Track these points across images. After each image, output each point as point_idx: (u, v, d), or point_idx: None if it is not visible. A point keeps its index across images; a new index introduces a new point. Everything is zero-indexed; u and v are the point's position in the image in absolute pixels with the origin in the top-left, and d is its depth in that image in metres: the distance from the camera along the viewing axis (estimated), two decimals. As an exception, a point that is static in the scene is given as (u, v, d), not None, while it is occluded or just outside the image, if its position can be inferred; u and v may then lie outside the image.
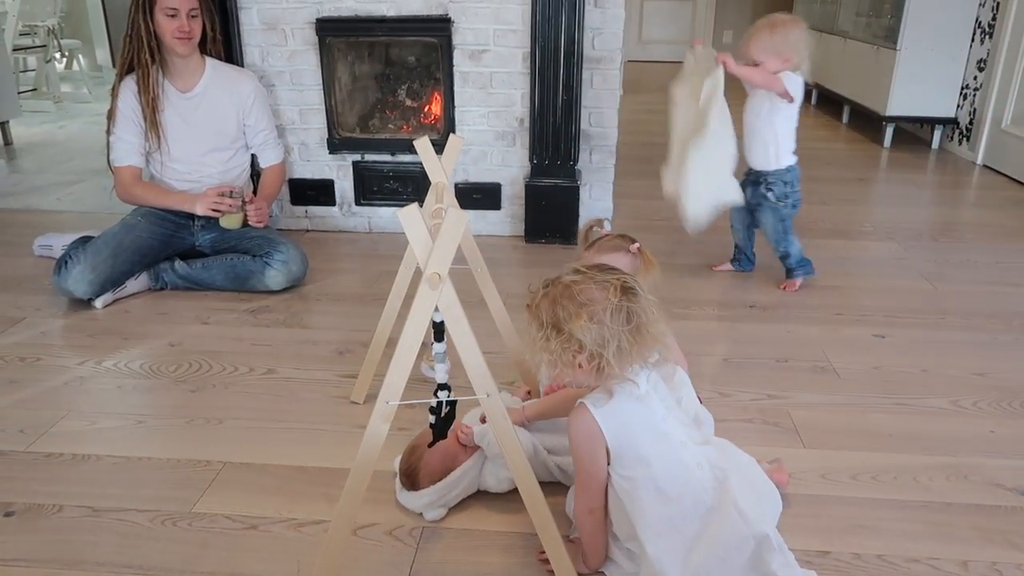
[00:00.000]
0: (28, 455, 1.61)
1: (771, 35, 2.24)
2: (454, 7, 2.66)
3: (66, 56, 6.52)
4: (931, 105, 4.30)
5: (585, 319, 1.09)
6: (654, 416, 1.18)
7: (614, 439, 1.15)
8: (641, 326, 1.10)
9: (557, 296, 1.12)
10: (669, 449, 1.18)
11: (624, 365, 1.12)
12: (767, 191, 2.39)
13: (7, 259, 2.69)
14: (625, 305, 1.10)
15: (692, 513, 1.17)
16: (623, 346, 1.10)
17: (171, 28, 2.28)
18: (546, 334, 1.11)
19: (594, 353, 1.10)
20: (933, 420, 1.74)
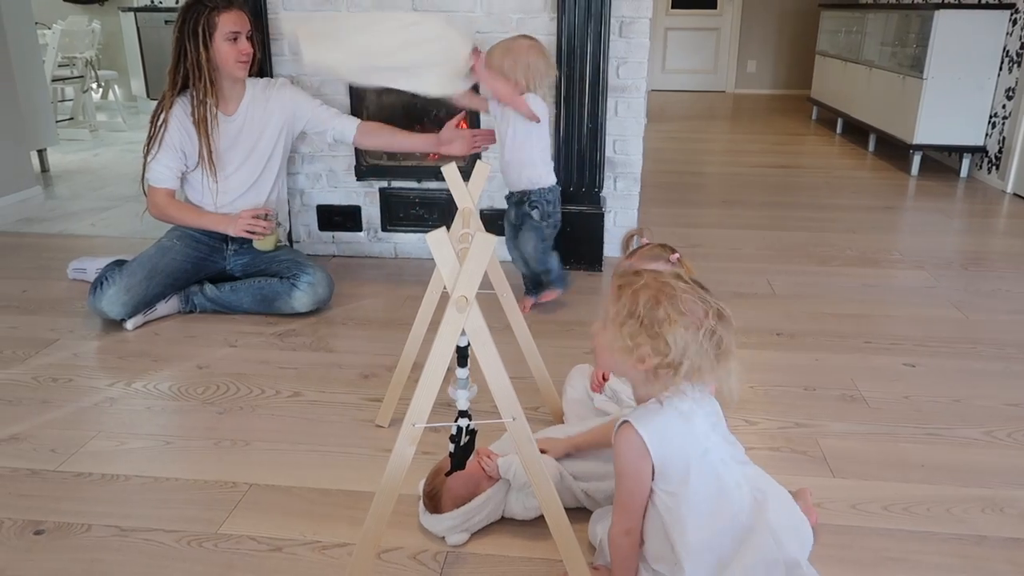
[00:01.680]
0: (58, 474, 1.63)
1: (503, 57, 2.20)
2: (480, 37, 2.69)
3: (102, 87, 6.70)
4: (959, 133, 4.27)
5: (682, 328, 1.08)
6: (696, 433, 1.17)
7: (659, 456, 1.14)
8: (722, 355, 1.10)
9: (661, 295, 1.10)
10: (709, 467, 1.17)
11: (691, 382, 1.11)
12: (531, 210, 2.35)
13: (43, 282, 2.75)
14: (719, 331, 1.09)
15: (728, 532, 1.16)
16: (701, 366, 1.09)
17: (233, 53, 2.29)
18: (633, 324, 1.10)
19: (671, 362, 1.09)
20: (967, 451, 1.71)
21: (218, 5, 2.26)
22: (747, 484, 1.19)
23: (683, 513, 1.15)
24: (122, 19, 6.85)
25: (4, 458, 1.69)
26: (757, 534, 1.14)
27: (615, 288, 1.16)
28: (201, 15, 2.25)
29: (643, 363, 1.10)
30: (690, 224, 3.46)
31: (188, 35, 2.27)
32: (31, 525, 1.47)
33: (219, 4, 2.27)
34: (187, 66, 2.30)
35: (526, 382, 1.79)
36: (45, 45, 5.45)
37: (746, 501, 1.17)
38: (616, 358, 1.14)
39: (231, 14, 2.28)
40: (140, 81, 6.96)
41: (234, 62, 2.31)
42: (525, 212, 2.36)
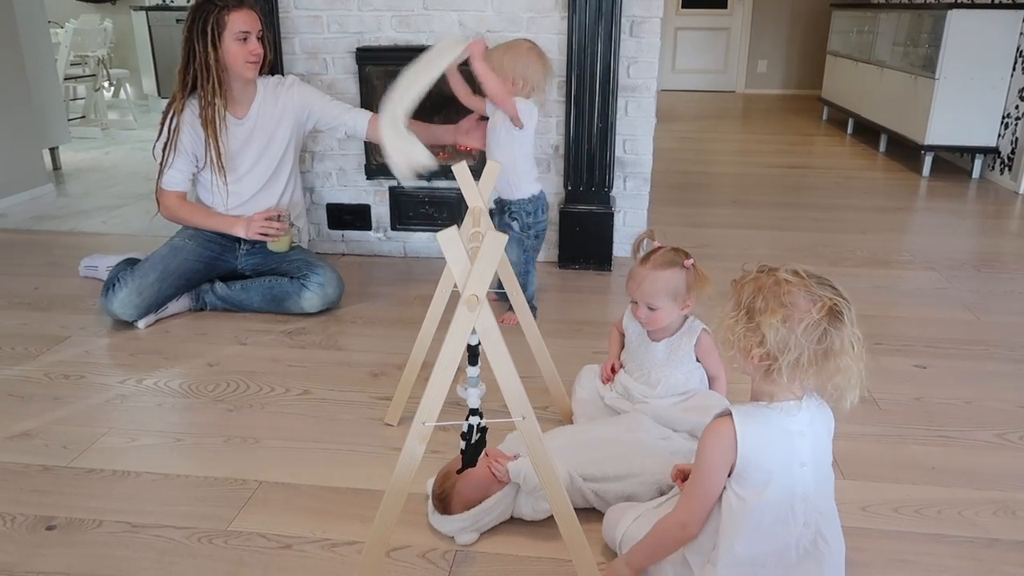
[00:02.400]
0: (70, 470, 1.64)
1: (503, 54, 2.18)
2: (491, 36, 2.70)
3: (114, 85, 6.74)
4: (971, 134, 4.24)
5: (779, 319, 1.05)
6: (794, 458, 1.12)
7: (745, 457, 1.10)
8: (831, 352, 1.05)
9: (763, 286, 1.09)
10: (788, 492, 1.12)
11: (795, 379, 1.07)
12: (511, 220, 2.30)
13: (54, 279, 2.76)
14: (824, 325, 1.04)
15: (774, 560, 1.13)
16: (802, 361, 1.05)
17: (243, 53, 2.25)
18: (737, 315, 1.09)
19: (771, 353, 1.06)
20: (979, 453, 1.70)
21: (228, 4, 2.23)
22: (814, 528, 1.14)
23: (744, 521, 1.12)
24: (134, 18, 6.89)
25: (17, 454, 1.70)
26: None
27: (731, 286, 1.16)
28: (210, 14, 2.22)
29: (749, 355, 1.08)
30: (700, 224, 3.45)
31: (197, 35, 2.23)
32: (43, 520, 1.48)
33: (229, 3, 2.23)
34: (195, 66, 2.26)
35: (536, 381, 1.79)
36: (58, 44, 5.49)
37: (804, 543, 1.13)
38: (729, 354, 1.12)
39: (241, 13, 2.24)
40: (151, 80, 7.01)
41: (243, 63, 2.28)
42: (506, 223, 2.31)
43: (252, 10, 2.29)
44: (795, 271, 1.10)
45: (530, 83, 2.20)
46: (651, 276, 1.59)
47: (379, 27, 2.75)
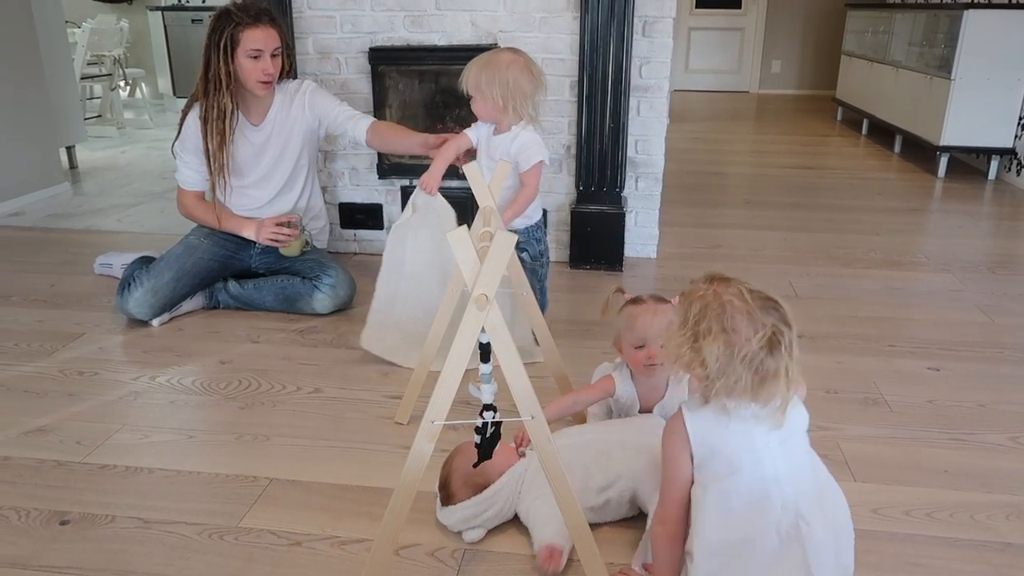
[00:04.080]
0: (84, 466, 1.66)
1: (480, 71, 1.93)
2: (503, 36, 2.70)
3: (130, 84, 6.80)
4: (987, 135, 4.21)
5: (721, 344, 1.06)
6: (751, 438, 1.14)
7: (700, 444, 1.14)
8: (767, 381, 1.07)
9: (709, 306, 1.09)
10: (756, 476, 1.13)
11: (733, 399, 1.10)
12: (520, 252, 2.03)
13: (70, 277, 2.79)
14: (762, 356, 1.06)
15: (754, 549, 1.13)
16: (738, 387, 1.07)
17: (255, 71, 2.24)
18: (684, 334, 1.10)
19: (709, 376, 1.08)
20: (992, 457, 1.69)
21: (243, 21, 2.21)
22: (795, 511, 1.13)
23: (711, 508, 1.14)
24: (150, 18, 6.94)
25: (31, 449, 1.72)
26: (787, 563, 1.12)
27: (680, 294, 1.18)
28: (227, 28, 2.21)
29: (691, 371, 1.11)
30: (712, 224, 3.43)
31: (214, 46, 2.23)
32: (57, 516, 1.49)
33: (244, 20, 2.21)
34: (210, 76, 2.26)
35: (545, 382, 1.80)
36: (74, 43, 5.54)
37: (786, 527, 1.13)
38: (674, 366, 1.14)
39: (256, 31, 2.22)
40: (167, 79, 7.05)
41: (255, 81, 2.27)
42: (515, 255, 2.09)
43: (271, 27, 2.26)
44: (741, 292, 1.10)
45: (516, 101, 1.94)
46: (661, 309, 1.56)
47: (392, 27, 2.76)
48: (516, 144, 1.98)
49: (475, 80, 1.95)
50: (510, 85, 1.93)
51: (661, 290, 1.69)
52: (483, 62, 1.96)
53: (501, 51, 2.00)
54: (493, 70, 1.93)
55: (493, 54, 1.98)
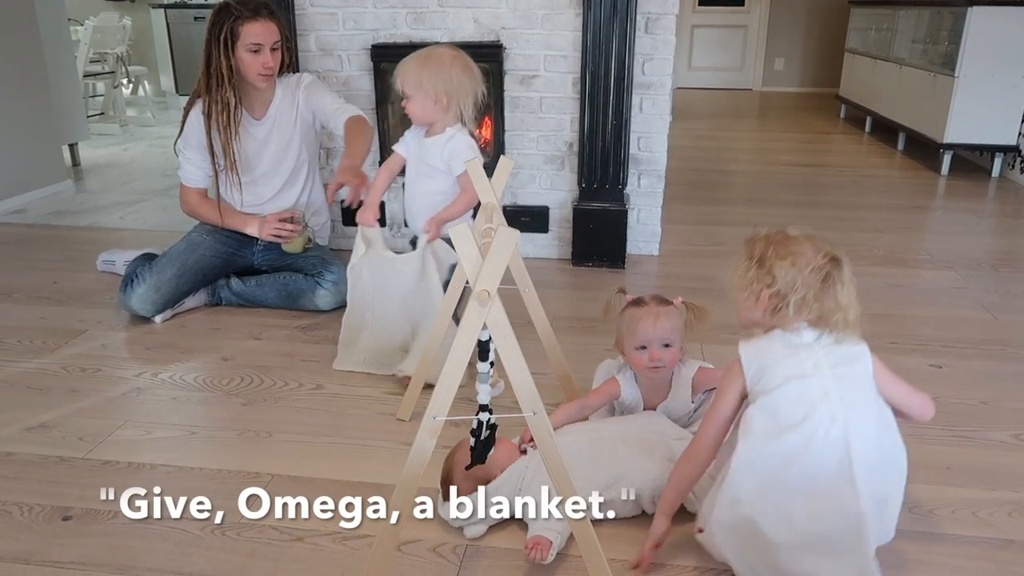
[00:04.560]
0: (86, 462, 1.66)
1: (421, 68, 1.86)
2: (505, 33, 2.70)
3: (132, 82, 6.80)
4: (991, 132, 4.19)
5: (789, 263, 1.21)
6: (805, 363, 1.23)
7: (750, 365, 1.24)
8: (830, 291, 1.20)
9: (774, 240, 1.25)
10: (804, 390, 1.21)
11: (800, 314, 1.21)
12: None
13: (72, 274, 2.79)
14: (827, 268, 1.20)
15: (801, 463, 1.19)
16: (807, 298, 1.20)
17: (255, 65, 2.25)
18: (749, 265, 1.25)
19: (780, 293, 1.21)
20: (994, 454, 1.68)
21: (242, 14, 2.21)
22: (842, 422, 1.20)
23: (755, 420, 1.22)
24: (152, 15, 6.95)
25: (34, 445, 1.72)
26: (834, 482, 1.18)
27: (743, 245, 1.30)
28: (226, 22, 2.21)
29: (759, 299, 1.23)
30: (715, 222, 3.43)
31: (214, 40, 2.24)
32: (59, 511, 1.50)
33: (244, 13, 2.21)
34: (212, 70, 2.27)
35: (547, 378, 1.80)
36: (77, 41, 5.55)
37: (833, 436, 1.19)
38: (741, 304, 1.27)
39: (255, 25, 2.22)
40: (169, 77, 7.06)
41: (255, 74, 2.27)
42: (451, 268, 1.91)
43: (270, 20, 2.26)
44: (800, 231, 1.27)
45: (457, 100, 1.88)
46: (665, 310, 1.56)
47: (394, 24, 2.76)
48: (450, 147, 1.90)
49: (416, 77, 1.85)
50: (454, 82, 1.86)
51: (664, 287, 1.69)
52: (423, 57, 1.88)
53: (441, 47, 1.94)
54: (436, 66, 1.86)
55: (432, 50, 1.91)
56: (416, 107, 1.90)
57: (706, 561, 1.35)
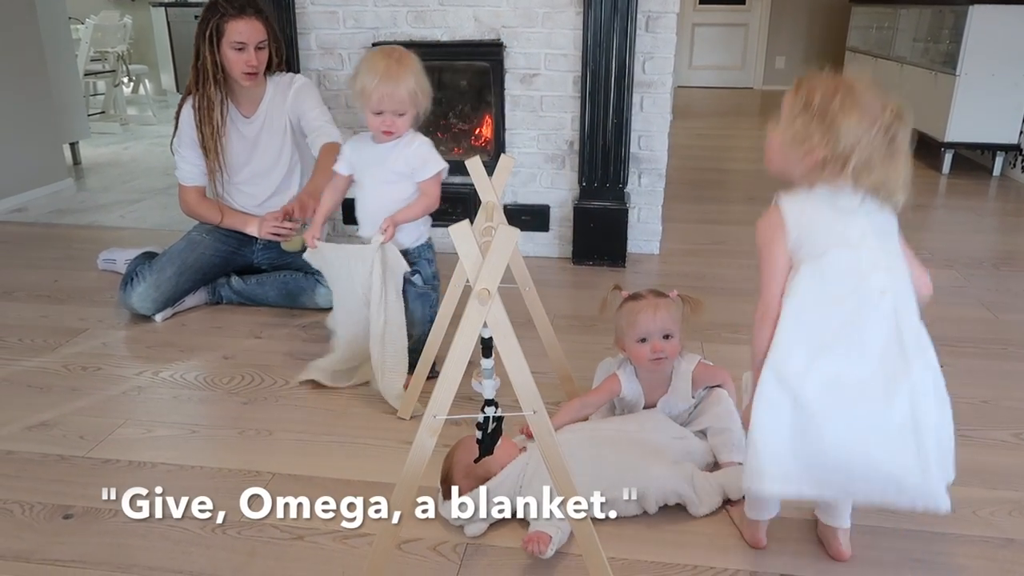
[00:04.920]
0: (87, 460, 1.66)
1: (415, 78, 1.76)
2: (506, 32, 2.70)
3: (133, 81, 6.80)
4: (992, 131, 4.19)
5: (856, 118, 1.08)
6: (850, 230, 1.14)
7: (795, 225, 1.15)
8: (897, 153, 1.09)
9: (839, 87, 1.11)
10: (853, 260, 1.13)
11: (860, 178, 1.10)
12: (412, 275, 1.88)
13: (73, 272, 2.79)
14: (895, 128, 1.08)
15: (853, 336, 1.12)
16: (871, 163, 1.08)
17: (239, 63, 2.25)
18: (807, 115, 1.11)
19: (840, 153, 1.09)
20: (995, 453, 1.68)
21: (228, 12, 2.22)
22: (892, 294, 1.14)
23: (802, 288, 1.13)
24: (153, 14, 6.94)
25: (35, 444, 1.72)
26: (887, 359, 1.12)
27: (793, 87, 1.16)
28: (212, 19, 2.23)
29: (811, 155, 1.10)
30: (715, 221, 3.43)
31: (201, 36, 2.25)
32: (60, 510, 1.50)
33: (230, 11, 2.22)
34: (199, 66, 2.28)
35: (547, 377, 1.79)
36: (78, 40, 5.54)
37: (884, 306, 1.13)
38: (786, 153, 1.14)
39: (240, 23, 2.22)
40: (170, 75, 7.05)
41: (239, 72, 2.27)
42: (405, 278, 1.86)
43: (255, 19, 2.25)
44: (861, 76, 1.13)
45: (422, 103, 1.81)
46: (663, 302, 1.58)
47: (395, 23, 2.76)
48: (416, 152, 1.82)
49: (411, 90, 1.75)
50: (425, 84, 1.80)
51: (664, 286, 1.69)
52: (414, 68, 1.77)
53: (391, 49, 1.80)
54: (420, 71, 1.78)
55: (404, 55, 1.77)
56: (406, 122, 1.79)
57: (706, 560, 1.35)
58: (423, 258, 1.95)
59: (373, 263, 1.80)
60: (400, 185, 1.85)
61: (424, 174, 1.83)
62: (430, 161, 1.84)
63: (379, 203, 1.85)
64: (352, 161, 1.87)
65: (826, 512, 1.34)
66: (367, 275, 1.81)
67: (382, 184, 1.85)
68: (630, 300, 1.61)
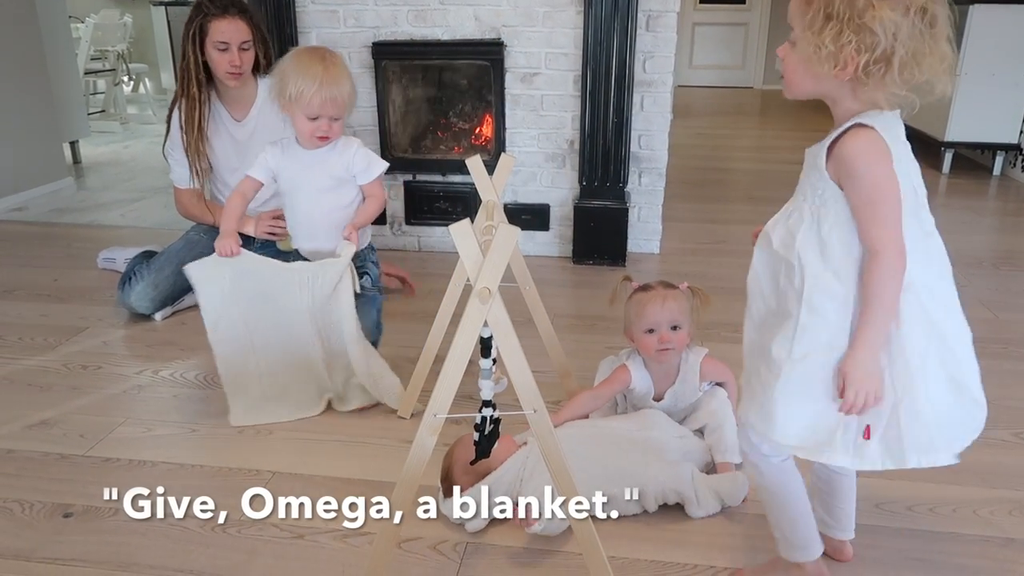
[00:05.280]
0: (87, 459, 1.66)
1: (351, 84, 1.76)
2: (507, 31, 2.70)
3: (133, 79, 6.80)
4: (992, 131, 4.19)
5: (888, 8, 0.93)
6: (912, 178, 1.05)
7: (894, 151, 1.02)
8: (939, 35, 0.96)
9: None
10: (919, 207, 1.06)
11: (904, 75, 0.97)
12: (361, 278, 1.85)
13: (73, 271, 2.79)
14: (932, 7, 0.95)
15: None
16: (917, 50, 0.95)
17: (222, 63, 2.22)
18: (833, 25, 0.95)
19: (883, 52, 0.95)
20: (995, 452, 1.68)
21: (211, 11, 2.20)
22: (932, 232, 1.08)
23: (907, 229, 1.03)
24: (153, 13, 6.93)
25: (35, 442, 1.72)
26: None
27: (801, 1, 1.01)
28: (196, 19, 2.21)
29: (849, 65, 0.96)
30: (716, 220, 3.43)
31: (187, 37, 2.23)
32: (60, 508, 1.50)
33: (213, 11, 2.20)
34: (183, 66, 2.26)
35: (548, 376, 1.79)
36: (78, 39, 5.54)
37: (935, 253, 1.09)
38: (814, 72, 1.00)
39: (223, 23, 2.20)
40: (170, 74, 7.03)
41: (223, 72, 2.24)
42: None
43: (239, 19, 2.23)
44: None
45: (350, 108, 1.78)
46: (671, 293, 1.58)
47: (395, 22, 2.75)
48: (356, 156, 1.79)
49: (349, 93, 1.74)
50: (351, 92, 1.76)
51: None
52: (347, 69, 1.75)
53: (316, 50, 1.77)
54: (348, 74, 1.76)
55: (334, 55, 1.75)
56: (341, 126, 1.76)
57: (706, 559, 1.35)
58: (369, 260, 1.96)
59: (343, 276, 1.71)
60: (340, 191, 1.80)
61: (369, 176, 1.80)
62: (374, 162, 1.81)
63: (320, 211, 1.80)
64: (275, 169, 1.78)
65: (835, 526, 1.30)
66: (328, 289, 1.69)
67: (321, 192, 1.79)
68: (639, 291, 1.62)
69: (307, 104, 1.69)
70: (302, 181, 1.79)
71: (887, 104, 1.01)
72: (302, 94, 1.67)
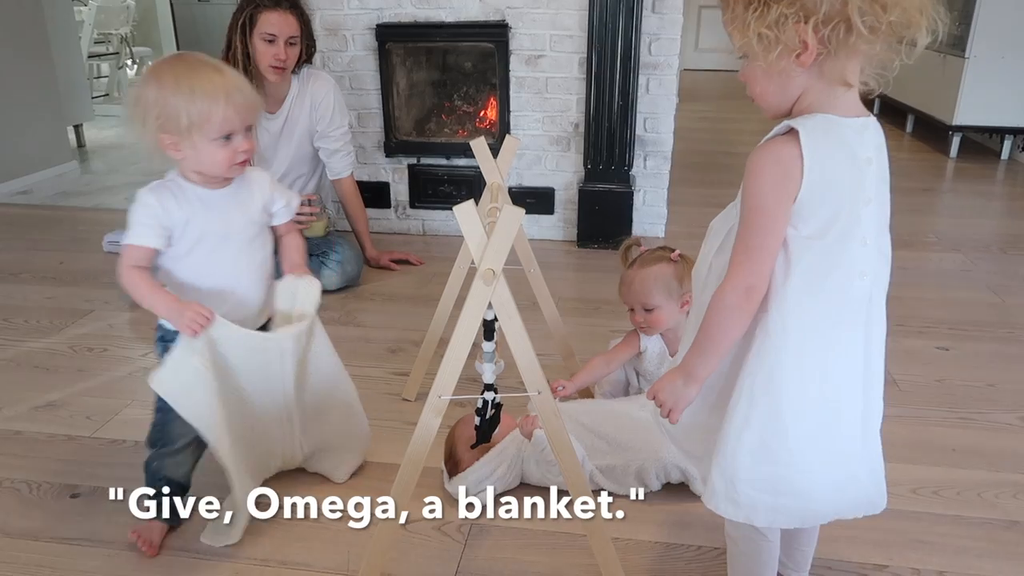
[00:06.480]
0: (94, 440, 1.67)
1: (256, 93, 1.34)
2: (511, 13, 2.68)
3: (137, 63, 6.77)
4: (1001, 114, 4.15)
5: None
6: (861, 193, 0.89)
7: (812, 184, 0.86)
8: None
9: None
10: (848, 238, 0.89)
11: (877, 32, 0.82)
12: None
13: (78, 255, 2.80)
14: None
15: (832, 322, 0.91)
16: (863, 4, 0.80)
17: (267, 55, 2.23)
18: (752, 9, 0.85)
19: (830, 8, 0.80)
20: (999, 436, 1.68)
21: (263, 3, 2.20)
22: (871, 277, 0.92)
23: (800, 266, 0.89)
24: (156, -4, 6.90)
25: (42, 424, 1.73)
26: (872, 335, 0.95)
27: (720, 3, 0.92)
28: (247, 8, 2.21)
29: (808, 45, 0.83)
30: (721, 204, 3.38)
31: (234, 27, 2.23)
32: (67, 489, 1.51)
33: (265, 2, 2.20)
34: (230, 56, 2.25)
35: (552, 359, 1.80)
36: (81, 22, 5.52)
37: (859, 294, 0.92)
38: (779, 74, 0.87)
39: (273, 15, 2.20)
40: (173, 58, 7.02)
41: (266, 65, 2.24)
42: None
43: (289, 13, 2.23)
44: None
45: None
46: (640, 275, 1.60)
47: (399, 3, 2.73)
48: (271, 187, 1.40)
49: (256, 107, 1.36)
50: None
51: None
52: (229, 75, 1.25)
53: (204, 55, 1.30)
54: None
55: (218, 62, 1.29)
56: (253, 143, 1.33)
57: (709, 541, 1.36)
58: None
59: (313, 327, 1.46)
60: (263, 236, 1.39)
61: (289, 212, 1.43)
62: (288, 192, 1.45)
63: (251, 269, 1.37)
64: (170, 226, 1.28)
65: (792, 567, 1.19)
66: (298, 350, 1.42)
67: (249, 244, 1.35)
68: (630, 264, 1.64)
69: (218, 123, 1.23)
70: (218, 234, 1.31)
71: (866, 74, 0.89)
72: (209, 115, 1.22)
